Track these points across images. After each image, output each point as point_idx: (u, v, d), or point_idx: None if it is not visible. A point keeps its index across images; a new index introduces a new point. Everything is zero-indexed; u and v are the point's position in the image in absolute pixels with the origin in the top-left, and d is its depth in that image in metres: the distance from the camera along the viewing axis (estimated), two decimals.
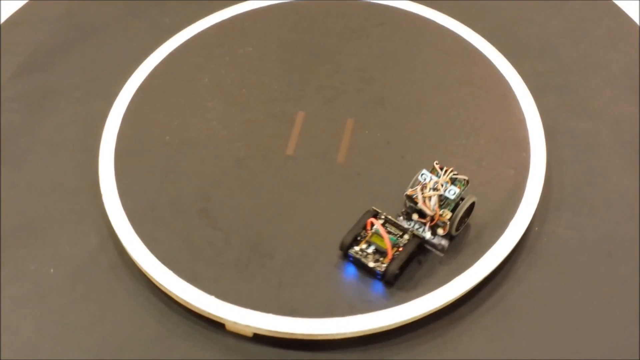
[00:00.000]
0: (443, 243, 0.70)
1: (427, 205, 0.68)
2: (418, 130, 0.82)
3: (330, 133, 0.81)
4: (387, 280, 0.68)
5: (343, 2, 0.95)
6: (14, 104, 0.87)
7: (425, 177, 0.70)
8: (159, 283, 0.69)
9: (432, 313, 0.68)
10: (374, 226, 0.70)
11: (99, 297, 0.71)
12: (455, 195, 0.69)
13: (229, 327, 0.67)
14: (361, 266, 0.69)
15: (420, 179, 0.70)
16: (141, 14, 0.97)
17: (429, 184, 0.69)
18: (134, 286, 0.71)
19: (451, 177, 0.70)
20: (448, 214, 0.69)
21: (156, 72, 0.87)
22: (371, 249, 0.69)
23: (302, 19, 0.94)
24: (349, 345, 0.67)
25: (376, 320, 0.66)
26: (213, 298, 0.67)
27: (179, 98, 0.85)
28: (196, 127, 0.82)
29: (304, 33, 0.92)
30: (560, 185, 0.78)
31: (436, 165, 0.71)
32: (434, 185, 0.69)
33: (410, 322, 0.67)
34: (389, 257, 0.68)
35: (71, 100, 0.87)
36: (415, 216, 0.70)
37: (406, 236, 0.70)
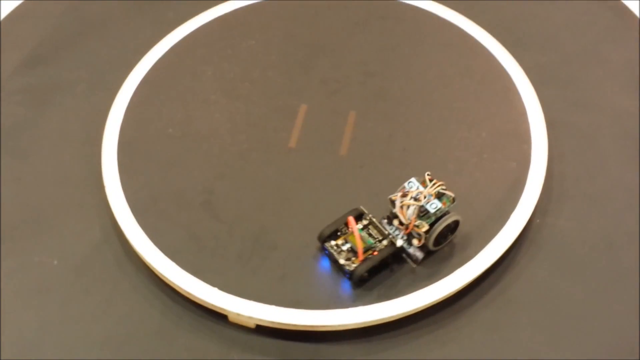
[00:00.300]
0: (417, 254, 0.69)
1: (403, 213, 0.68)
2: (420, 123, 0.82)
3: (333, 126, 0.82)
4: (354, 280, 0.68)
5: None
6: (18, 97, 0.87)
7: (412, 186, 0.69)
8: (162, 275, 0.69)
9: (433, 305, 0.68)
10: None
11: (102, 289, 0.71)
12: (436, 209, 0.68)
13: (231, 319, 0.68)
14: (333, 261, 0.69)
15: (406, 186, 0.69)
16: (144, 7, 0.97)
17: (411, 193, 0.68)
18: (138, 278, 0.72)
19: (438, 191, 0.69)
20: (425, 227, 0.67)
21: (159, 65, 0.87)
22: (346, 247, 0.69)
23: (305, 13, 0.94)
24: (351, 336, 0.67)
25: (378, 312, 0.67)
26: (216, 290, 0.68)
27: (182, 91, 0.85)
28: (199, 120, 0.82)
29: (306, 26, 0.92)
30: (561, 177, 0.78)
31: (427, 177, 0.69)
32: (416, 195, 0.68)
33: (412, 314, 0.68)
34: (359, 259, 0.68)
35: (75, 93, 0.87)
36: (396, 222, 0.70)
37: (385, 242, 0.70)
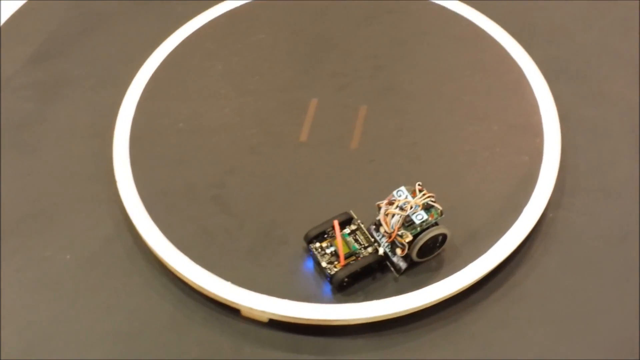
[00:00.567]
0: (401, 264, 0.68)
1: (387, 221, 0.67)
2: (431, 116, 0.81)
3: (343, 120, 0.81)
4: (333, 284, 0.68)
5: None
6: (28, 92, 0.87)
7: (401, 195, 0.68)
8: (174, 269, 0.69)
9: (445, 300, 0.68)
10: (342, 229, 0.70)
11: (114, 283, 0.71)
12: (422, 221, 0.67)
13: (244, 313, 0.68)
14: (317, 262, 0.69)
15: (395, 194, 0.68)
16: (154, 2, 0.97)
17: (397, 202, 0.67)
18: (150, 272, 0.72)
19: (427, 203, 0.67)
20: (408, 237, 0.66)
21: (169, 60, 0.87)
22: (330, 250, 0.69)
23: (314, 6, 0.94)
24: (363, 330, 0.67)
25: (390, 306, 0.67)
26: (229, 284, 0.68)
27: (192, 85, 0.85)
28: (210, 114, 0.82)
29: (315, 20, 0.92)
30: (574, 171, 0.78)
31: (417, 187, 0.68)
32: (402, 205, 0.67)
33: (423, 309, 0.68)
34: (341, 263, 0.68)
35: (84, 88, 0.87)
36: (382, 229, 0.69)
37: (370, 249, 0.69)
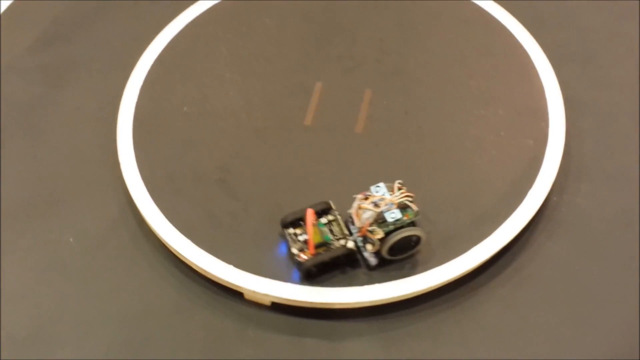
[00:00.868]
0: (372, 260, 0.68)
1: (358, 216, 0.67)
2: (436, 100, 0.81)
3: (349, 103, 0.81)
4: (301, 272, 0.67)
5: None
6: (33, 75, 0.87)
7: (378, 191, 0.67)
8: (178, 253, 0.70)
9: (450, 283, 0.68)
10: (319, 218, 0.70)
11: (118, 267, 0.71)
12: (395, 219, 0.66)
13: (247, 296, 0.68)
14: (288, 248, 0.69)
15: (372, 190, 0.67)
16: None
17: (372, 197, 0.67)
18: (154, 256, 0.72)
19: (403, 202, 0.66)
20: (379, 234, 0.66)
21: (174, 43, 0.87)
22: (302, 238, 0.69)
23: None
24: (367, 314, 0.67)
25: (394, 289, 0.67)
26: (232, 267, 0.68)
27: (197, 69, 0.85)
28: (214, 98, 0.82)
29: (321, 4, 0.91)
30: (579, 155, 0.77)
31: (397, 184, 0.67)
32: (377, 201, 0.66)
33: (427, 292, 0.68)
34: (310, 252, 0.67)
35: (90, 71, 0.87)
36: (357, 222, 0.68)
37: (343, 241, 0.68)
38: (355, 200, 0.67)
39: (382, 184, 0.68)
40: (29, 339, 0.67)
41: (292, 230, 0.69)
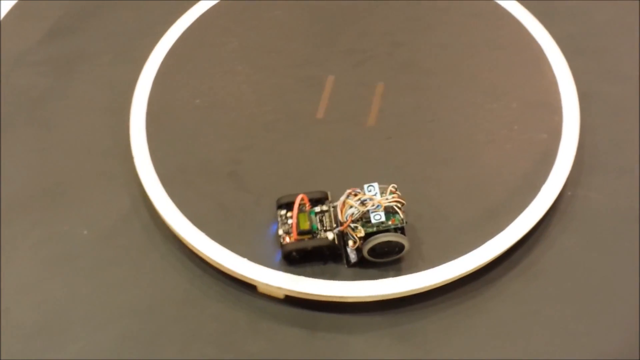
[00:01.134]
0: (352, 256, 0.68)
1: (343, 210, 0.66)
2: (448, 93, 0.81)
3: (360, 97, 0.81)
4: (282, 254, 0.67)
5: None
6: (44, 67, 0.87)
7: (371, 190, 0.67)
8: (191, 245, 0.69)
9: (464, 276, 0.68)
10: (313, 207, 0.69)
11: (131, 259, 0.71)
12: (378, 221, 0.65)
13: (260, 289, 0.68)
14: (277, 229, 0.69)
15: (365, 188, 0.67)
16: None
17: (360, 195, 0.66)
18: (166, 248, 0.72)
19: (391, 206, 0.66)
20: (361, 232, 0.65)
21: (185, 36, 0.87)
22: (291, 221, 0.68)
23: None
24: (380, 307, 0.67)
25: (407, 283, 0.67)
26: (245, 260, 0.68)
27: (209, 62, 0.85)
28: (226, 91, 0.82)
29: None
30: (593, 149, 0.77)
31: (391, 188, 0.66)
32: (364, 200, 0.65)
33: (440, 286, 0.67)
34: (294, 236, 0.67)
35: (101, 64, 0.87)
36: (340, 217, 0.67)
37: (328, 233, 0.68)
38: (344, 194, 0.67)
39: (376, 184, 0.67)
40: (42, 331, 0.67)
41: (284, 212, 0.69)
